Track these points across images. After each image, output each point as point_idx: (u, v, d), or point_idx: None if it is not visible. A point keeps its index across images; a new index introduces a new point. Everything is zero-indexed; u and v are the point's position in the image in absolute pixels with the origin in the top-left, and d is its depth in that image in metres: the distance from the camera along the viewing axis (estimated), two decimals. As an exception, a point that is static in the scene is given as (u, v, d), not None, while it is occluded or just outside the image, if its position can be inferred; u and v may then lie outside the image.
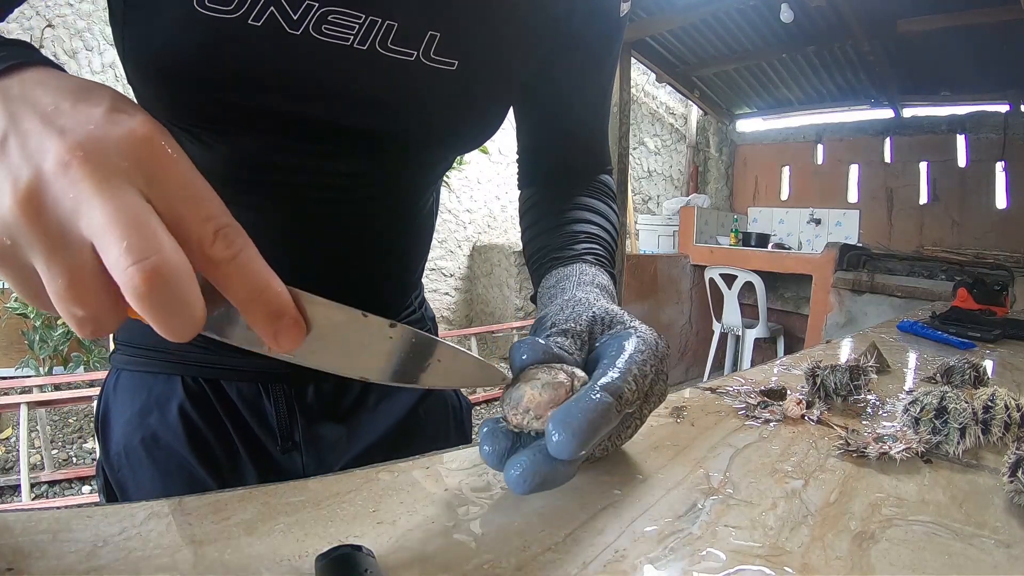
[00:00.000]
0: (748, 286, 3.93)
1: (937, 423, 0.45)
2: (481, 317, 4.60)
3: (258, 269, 0.24)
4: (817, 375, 0.56)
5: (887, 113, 4.46)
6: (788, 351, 4.01)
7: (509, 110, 0.56)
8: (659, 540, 0.31)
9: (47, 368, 2.71)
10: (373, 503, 0.34)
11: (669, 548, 0.31)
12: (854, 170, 4.66)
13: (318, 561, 0.26)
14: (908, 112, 4.38)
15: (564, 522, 0.33)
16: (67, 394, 2.42)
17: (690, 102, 5.34)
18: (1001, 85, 3.75)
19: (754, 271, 3.89)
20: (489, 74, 0.50)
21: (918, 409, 0.47)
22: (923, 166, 4.30)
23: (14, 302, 2.61)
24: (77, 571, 0.27)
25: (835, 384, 0.55)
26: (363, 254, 0.55)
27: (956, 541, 0.32)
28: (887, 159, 4.48)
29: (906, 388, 0.63)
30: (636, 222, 5.05)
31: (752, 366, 1.47)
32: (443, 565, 0.29)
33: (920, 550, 0.31)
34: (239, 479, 0.55)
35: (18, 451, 2.26)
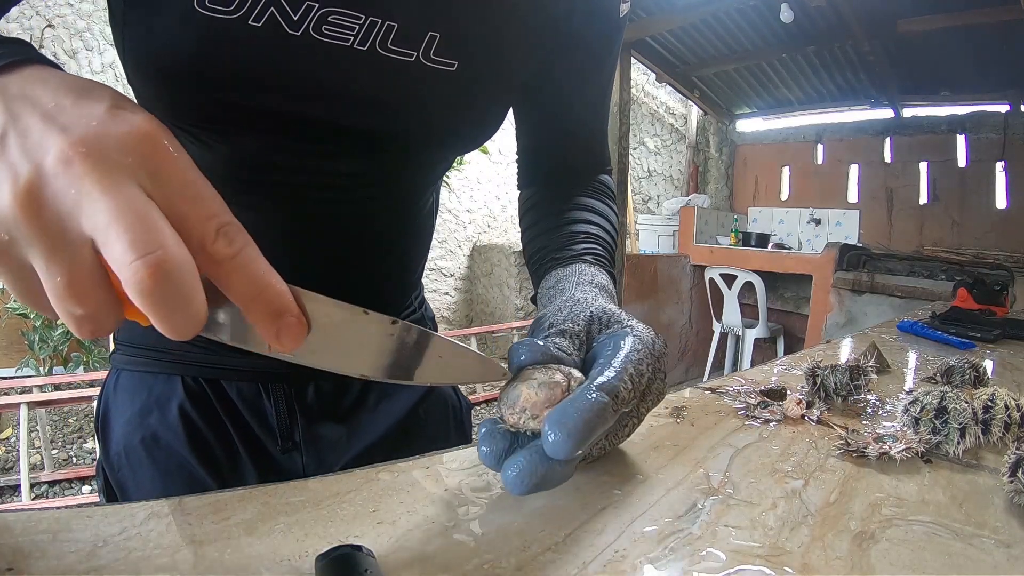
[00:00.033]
0: (748, 286, 3.93)
1: (937, 423, 0.45)
2: (481, 317, 4.60)
3: (260, 267, 0.24)
4: (817, 375, 0.56)
5: (887, 113, 4.46)
6: (788, 351, 4.01)
7: (509, 110, 0.56)
8: (659, 540, 0.31)
9: (47, 368, 2.71)
10: (373, 503, 0.34)
11: (669, 548, 0.31)
12: (854, 170, 4.66)
13: (318, 561, 0.26)
14: (908, 112, 4.38)
15: (564, 522, 0.33)
16: (67, 394, 2.42)
17: (690, 102, 5.34)
18: (1001, 85, 3.75)
19: (754, 271, 3.89)
20: (489, 74, 0.50)
21: (918, 409, 0.47)
22: (923, 166, 4.30)
23: (14, 302, 2.61)
24: (77, 571, 0.27)
25: (835, 384, 0.55)
26: (363, 254, 0.55)
27: (956, 541, 0.32)
28: (887, 159, 4.48)
29: (906, 388, 0.63)
30: (636, 222, 5.05)
31: (752, 366, 1.47)
32: (443, 565, 0.29)
33: (920, 550, 0.31)
34: (239, 479, 0.55)
35: (18, 451, 2.26)
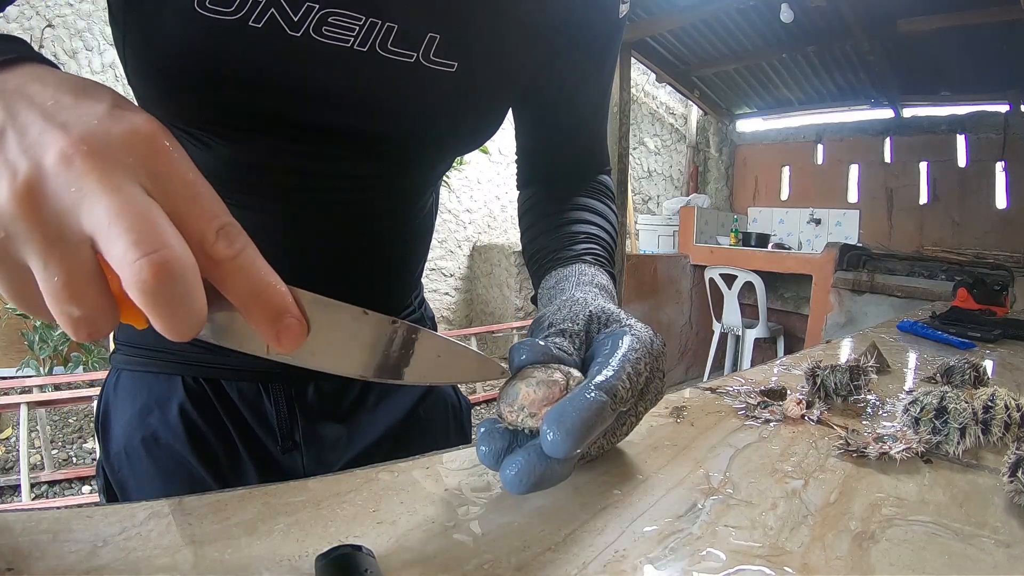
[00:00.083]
0: (748, 286, 3.93)
1: (937, 423, 0.45)
2: (481, 317, 4.60)
3: (259, 268, 0.24)
4: (817, 375, 0.56)
5: (887, 113, 4.46)
6: (788, 351, 4.01)
7: (509, 111, 0.56)
8: (659, 540, 0.31)
9: (47, 368, 2.71)
10: (373, 503, 0.34)
11: (669, 548, 0.31)
12: (854, 170, 4.66)
13: (318, 561, 0.26)
14: (908, 112, 4.38)
15: (564, 522, 0.33)
16: (67, 394, 2.42)
17: (690, 102, 5.34)
18: (1001, 85, 3.75)
19: (754, 271, 3.89)
20: (489, 75, 0.50)
21: (918, 409, 0.47)
22: (923, 166, 4.30)
23: (14, 302, 2.60)
24: (77, 571, 0.27)
25: (835, 384, 0.55)
26: (363, 254, 0.55)
27: (956, 541, 0.32)
28: (887, 159, 4.48)
29: (906, 388, 0.63)
30: (636, 222, 5.05)
31: (752, 366, 1.47)
32: (443, 565, 0.29)
33: (920, 550, 0.31)
34: (239, 479, 0.55)
35: (18, 451, 2.26)
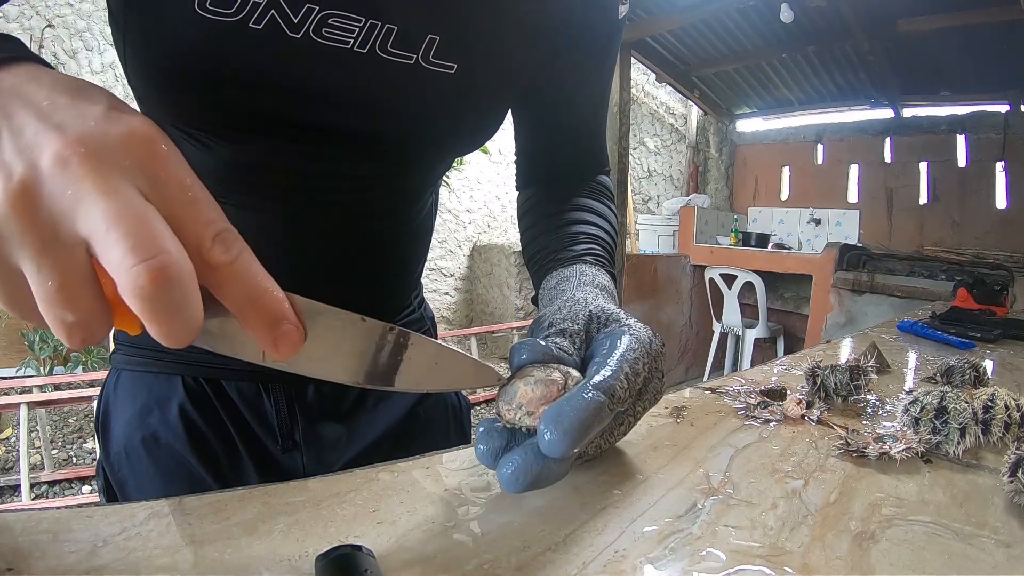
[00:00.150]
0: (748, 286, 3.93)
1: (937, 423, 0.45)
2: (481, 317, 4.59)
3: (256, 274, 0.24)
4: (817, 375, 0.56)
5: (887, 113, 4.46)
6: (788, 351, 4.01)
7: (508, 111, 0.56)
8: (659, 540, 0.31)
9: (47, 368, 2.71)
10: (373, 503, 0.34)
11: (669, 548, 0.31)
12: (854, 170, 4.66)
13: (318, 561, 0.26)
14: (908, 112, 4.38)
15: (564, 522, 0.33)
16: (67, 394, 2.41)
17: (690, 102, 5.34)
18: (1001, 85, 3.75)
19: (754, 271, 3.89)
20: (488, 77, 0.50)
21: (918, 409, 0.47)
22: (923, 166, 4.30)
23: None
24: (77, 571, 0.27)
25: (835, 384, 0.55)
26: (363, 254, 0.55)
27: (956, 541, 0.32)
28: (887, 159, 4.48)
29: (906, 388, 0.63)
30: (636, 222, 5.05)
31: (752, 366, 1.47)
32: (443, 565, 0.29)
33: (920, 550, 0.31)
34: (239, 479, 0.55)
35: (18, 451, 2.26)
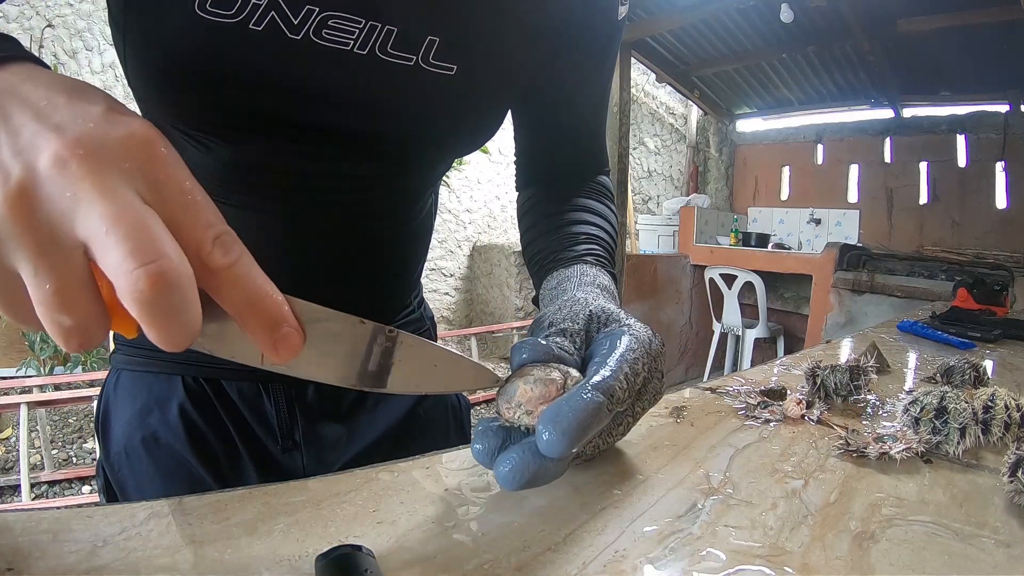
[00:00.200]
0: (748, 286, 3.92)
1: (937, 423, 0.45)
2: (481, 317, 4.59)
3: (256, 277, 0.24)
4: (817, 375, 0.56)
5: (887, 113, 4.46)
6: (788, 351, 4.01)
7: (508, 112, 0.56)
8: (659, 540, 0.31)
9: (47, 368, 2.71)
10: (373, 503, 0.34)
11: (669, 548, 0.31)
12: (854, 170, 4.66)
13: (318, 561, 0.26)
14: (908, 112, 4.38)
15: (564, 522, 0.33)
16: (67, 394, 2.42)
17: (690, 102, 5.34)
18: (1001, 85, 3.75)
19: (754, 271, 3.89)
20: (488, 78, 0.50)
21: (918, 409, 0.47)
22: (923, 166, 4.30)
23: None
24: (77, 571, 0.27)
25: (835, 384, 0.55)
26: (363, 254, 0.55)
27: (956, 541, 0.32)
28: (887, 159, 4.48)
29: (906, 388, 0.63)
30: (636, 222, 5.05)
31: (752, 366, 1.47)
32: (443, 565, 0.29)
33: (920, 550, 0.31)
34: (239, 479, 0.55)
35: (18, 451, 2.26)
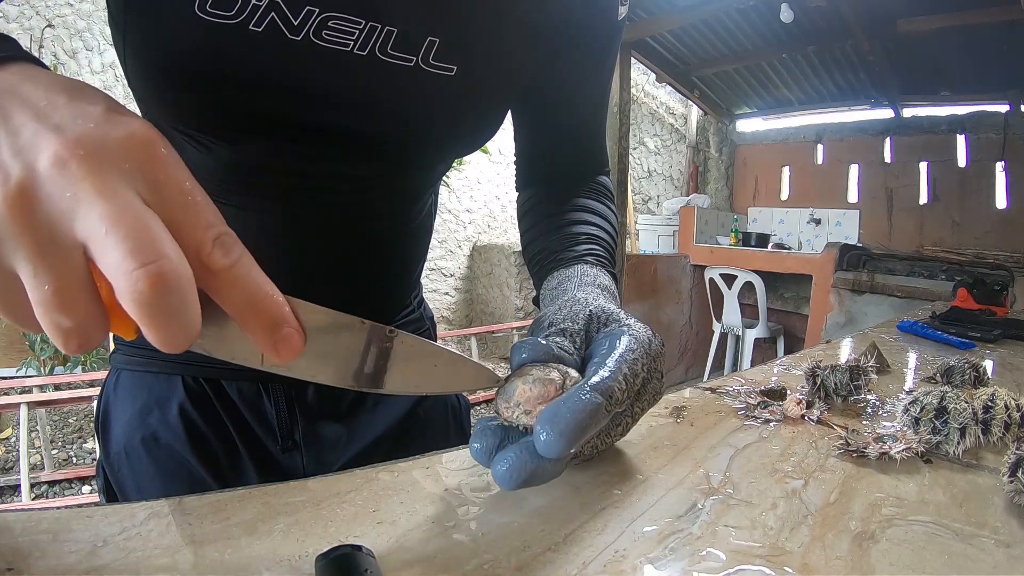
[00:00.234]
0: (748, 286, 3.92)
1: (937, 423, 0.45)
2: (481, 317, 4.59)
3: (256, 278, 0.24)
4: (817, 375, 0.56)
5: (887, 113, 4.46)
6: (788, 351, 4.01)
7: (508, 113, 0.56)
8: (659, 540, 0.31)
9: (47, 368, 2.71)
10: (373, 503, 0.34)
11: (669, 548, 0.31)
12: (854, 170, 4.66)
13: (318, 561, 0.26)
14: (908, 112, 4.38)
15: (564, 522, 0.33)
16: (67, 394, 2.41)
17: (690, 102, 5.34)
18: (1001, 85, 3.75)
19: (754, 271, 3.89)
20: (488, 78, 0.50)
21: (918, 409, 0.47)
22: (923, 166, 4.30)
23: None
24: (77, 571, 0.27)
25: (835, 384, 0.55)
26: (363, 255, 0.55)
27: (956, 541, 0.32)
28: (887, 159, 4.48)
29: (906, 388, 0.63)
30: (636, 222, 5.05)
31: (752, 366, 1.47)
32: (443, 565, 0.29)
33: (920, 550, 0.31)
34: (239, 479, 0.55)
35: (18, 451, 2.26)
